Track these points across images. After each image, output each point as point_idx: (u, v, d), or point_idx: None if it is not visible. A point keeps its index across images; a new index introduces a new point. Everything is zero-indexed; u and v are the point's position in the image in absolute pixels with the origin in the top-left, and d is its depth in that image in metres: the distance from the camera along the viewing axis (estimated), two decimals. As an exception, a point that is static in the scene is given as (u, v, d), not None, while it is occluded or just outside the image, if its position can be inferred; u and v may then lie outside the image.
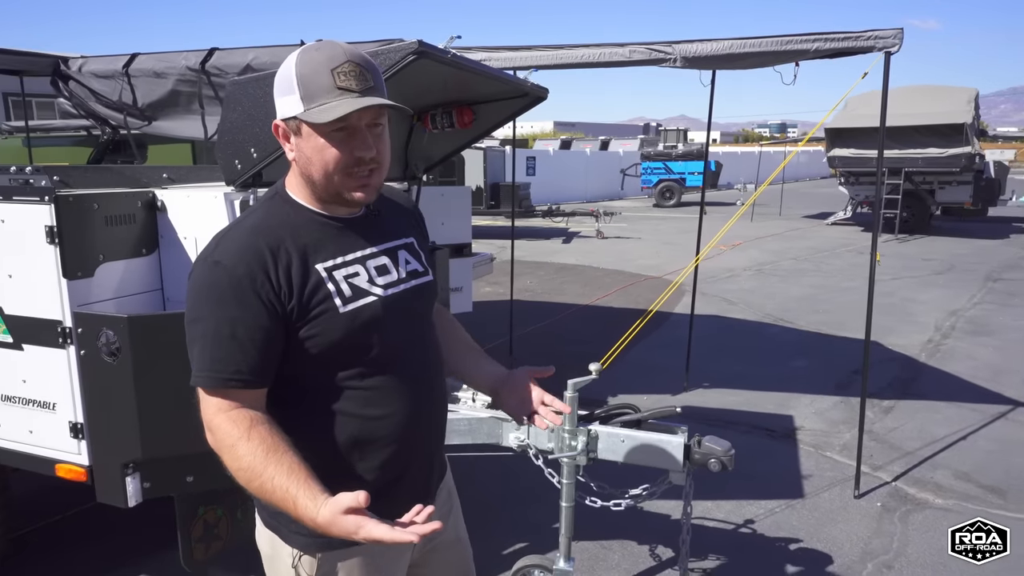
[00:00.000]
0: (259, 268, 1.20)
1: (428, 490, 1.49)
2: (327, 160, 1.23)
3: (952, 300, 8.53)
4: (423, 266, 1.44)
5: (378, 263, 1.35)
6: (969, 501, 3.65)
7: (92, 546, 3.16)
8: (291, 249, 1.24)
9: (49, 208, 2.01)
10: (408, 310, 1.37)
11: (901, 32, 3.11)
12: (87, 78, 4.01)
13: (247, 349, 1.19)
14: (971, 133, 13.46)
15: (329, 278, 1.26)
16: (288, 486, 1.15)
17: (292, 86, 1.22)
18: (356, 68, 1.21)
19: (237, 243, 1.23)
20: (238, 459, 1.17)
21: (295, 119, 1.23)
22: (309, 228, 1.29)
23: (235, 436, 1.18)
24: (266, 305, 1.20)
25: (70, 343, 2.10)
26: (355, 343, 1.27)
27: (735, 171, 28.40)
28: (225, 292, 1.19)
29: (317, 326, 1.24)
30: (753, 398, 5.15)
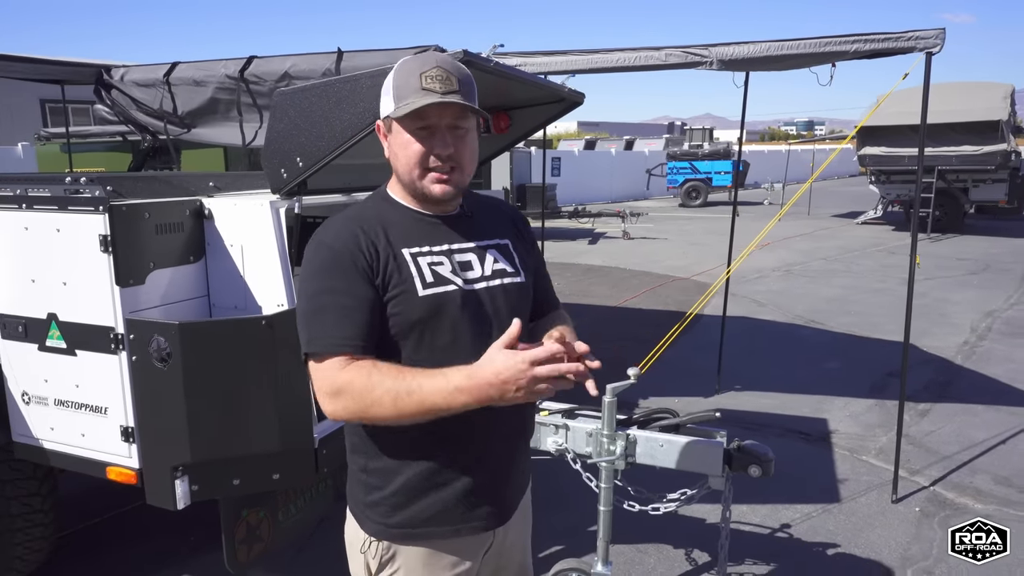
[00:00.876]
0: (354, 245, 1.32)
1: (504, 499, 1.47)
2: (409, 155, 1.34)
3: (988, 301, 8.35)
4: (514, 267, 1.47)
5: (464, 258, 1.41)
6: (1010, 507, 3.58)
7: (133, 547, 3.24)
8: (380, 233, 1.35)
9: (103, 218, 2.07)
10: (488, 306, 1.40)
11: (943, 32, 3.07)
12: (129, 87, 4.11)
13: (355, 317, 1.28)
14: (1007, 130, 13.18)
15: (413, 262, 1.34)
16: (434, 375, 1.21)
17: (388, 88, 1.35)
18: (443, 73, 1.30)
19: (337, 226, 1.36)
20: (378, 386, 1.21)
21: (388, 118, 1.36)
22: (401, 220, 1.39)
23: (365, 374, 1.23)
24: (363, 276, 1.30)
25: (122, 349, 2.16)
26: (430, 327, 1.33)
27: (762, 170, 28.09)
28: (329, 267, 1.31)
29: (397, 305, 1.32)
30: (786, 401, 5.10)
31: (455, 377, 1.20)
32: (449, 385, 1.19)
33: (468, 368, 1.20)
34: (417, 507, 1.38)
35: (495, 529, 1.47)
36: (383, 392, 1.21)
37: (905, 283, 3.70)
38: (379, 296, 1.31)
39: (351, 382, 1.23)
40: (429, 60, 1.33)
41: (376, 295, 1.31)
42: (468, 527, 1.42)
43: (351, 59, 3.61)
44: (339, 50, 3.64)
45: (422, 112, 1.29)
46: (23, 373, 2.36)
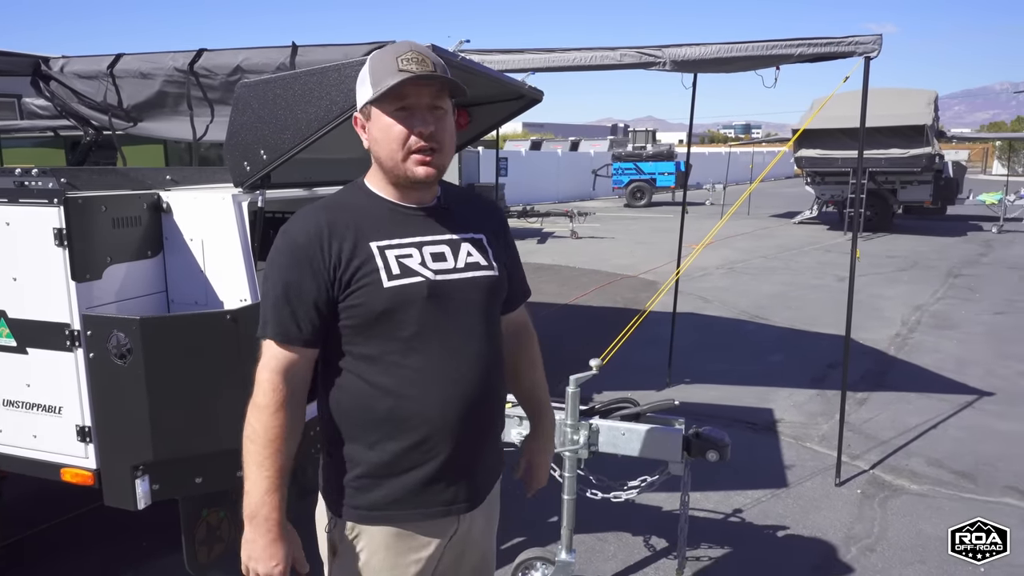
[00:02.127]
0: (316, 239, 1.34)
1: (472, 486, 1.48)
2: (391, 137, 1.34)
3: (916, 296, 8.83)
4: (488, 261, 1.47)
5: (435, 250, 1.41)
6: (942, 486, 3.81)
7: (90, 552, 3.12)
8: (349, 225, 1.37)
9: (58, 211, 2.00)
10: (458, 298, 1.41)
11: (880, 38, 3.25)
12: (69, 79, 3.94)
13: (297, 311, 1.34)
14: (931, 134, 13.93)
15: (380, 255, 1.36)
16: (269, 474, 1.33)
17: (365, 78, 1.37)
18: (419, 56, 1.33)
19: (305, 216, 1.39)
20: (257, 420, 1.34)
21: (366, 105, 1.36)
22: (375, 211, 1.41)
23: (266, 402, 1.34)
24: (316, 274, 1.33)
25: (78, 346, 2.09)
26: (395, 318, 1.35)
27: (703, 172, 28.87)
28: (286, 258, 1.35)
29: (360, 297, 1.34)
30: (733, 393, 5.28)
31: (254, 500, 1.33)
32: (250, 492, 1.34)
33: (265, 512, 1.33)
34: (382, 490, 1.40)
35: (461, 515, 1.48)
36: (250, 426, 1.35)
37: (840, 279, 3.91)
38: (330, 292, 1.34)
39: (262, 388, 1.35)
40: (404, 45, 1.35)
41: (326, 291, 1.34)
42: (433, 512, 1.43)
43: (306, 54, 3.56)
44: (294, 44, 3.59)
45: (401, 92, 1.31)
46: (-32, 373, 2.25)
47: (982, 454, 4.20)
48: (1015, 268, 10.91)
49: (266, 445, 1.32)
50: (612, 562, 3.08)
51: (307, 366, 1.39)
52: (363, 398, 1.38)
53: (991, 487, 3.79)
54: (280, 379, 1.34)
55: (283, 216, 2.73)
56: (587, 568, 3.02)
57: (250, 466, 1.33)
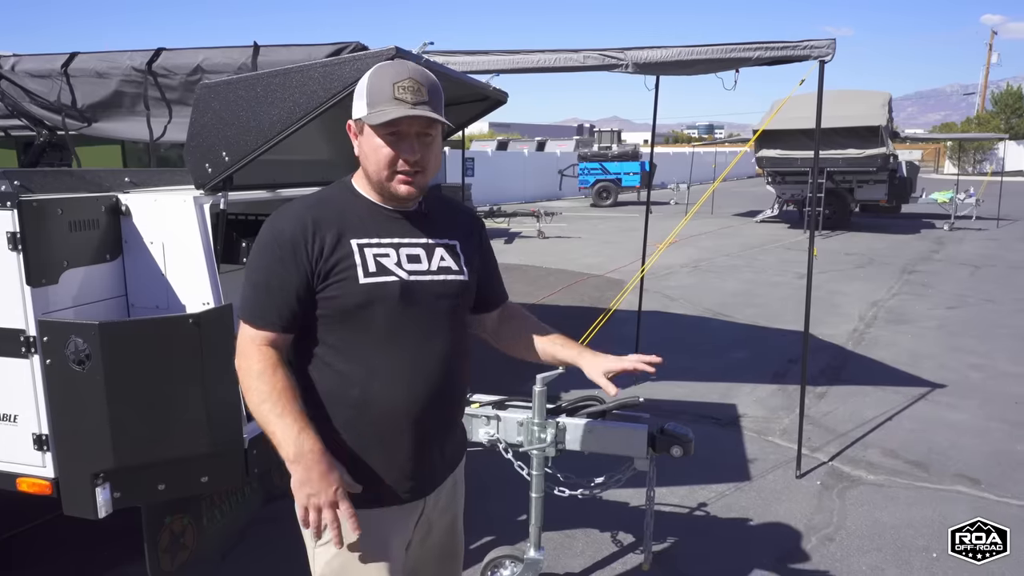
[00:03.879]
0: (301, 233, 1.43)
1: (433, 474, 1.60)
2: (379, 158, 1.44)
3: (873, 292, 9.08)
4: (459, 266, 1.58)
5: (412, 252, 1.51)
6: (898, 476, 3.94)
7: (50, 563, 3.05)
8: (333, 222, 1.46)
9: (12, 214, 1.95)
10: (429, 299, 1.51)
11: (834, 42, 3.35)
12: (21, 77, 3.83)
13: (278, 300, 1.43)
14: (885, 135, 14.34)
15: (359, 252, 1.45)
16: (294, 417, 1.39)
17: (362, 92, 1.45)
18: (415, 84, 1.41)
19: (292, 210, 1.48)
20: (262, 381, 1.41)
21: (360, 120, 1.46)
22: (358, 210, 1.50)
23: (264, 364, 1.42)
24: (299, 266, 1.42)
25: (34, 352, 2.04)
26: (367, 313, 1.44)
27: (668, 171, 29.22)
28: (271, 249, 1.44)
29: (336, 289, 1.43)
30: (698, 389, 5.38)
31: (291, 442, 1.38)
32: (284, 439, 1.38)
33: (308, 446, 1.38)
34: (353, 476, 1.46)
35: (425, 498, 1.59)
36: (256, 391, 1.41)
37: (801, 276, 4.01)
38: (309, 283, 1.43)
39: (253, 357, 1.43)
40: (402, 71, 1.43)
41: (306, 282, 1.43)
42: (398, 497, 1.53)
43: (268, 54, 3.53)
44: (255, 44, 3.55)
45: (394, 121, 1.40)
46: (-83, 382, 2.18)
47: (934, 444, 4.35)
48: (966, 264, 11.30)
49: (280, 397, 1.39)
50: (580, 558, 3.12)
51: (285, 349, 1.48)
52: (334, 385, 1.47)
53: (943, 476, 3.93)
54: (266, 348, 1.44)
55: (246, 218, 2.70)
56: (556, 565, 3.05)
57: (272, 422, 1.39)
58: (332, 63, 2.14)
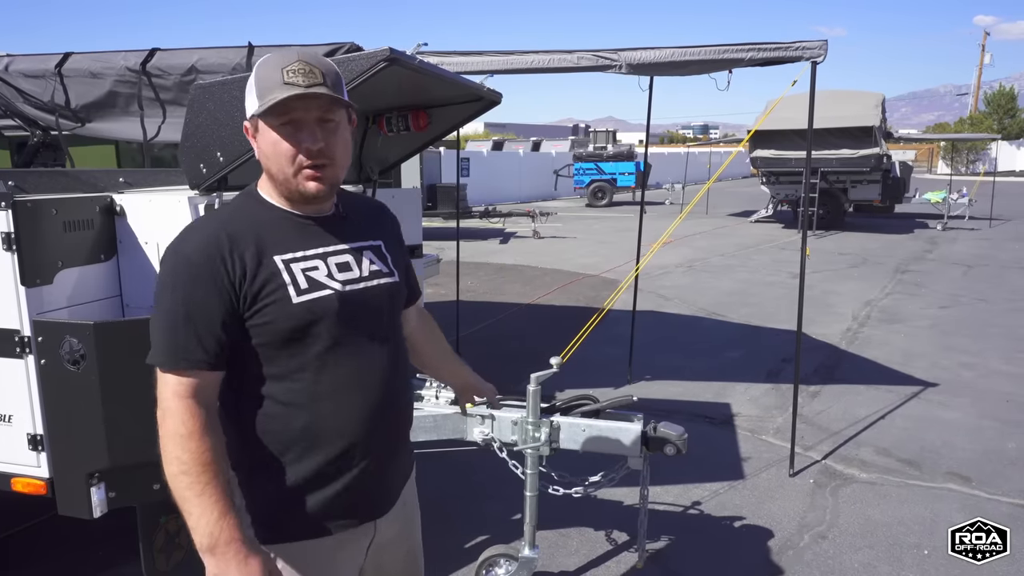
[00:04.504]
0: (217, 256, 1.27)
1: (383, 493, 1.49)
2: (279, 152, 1.30)
3: (866, 291, 9.13)
4: (389, 268, 1.48)
5: (340, 260, 1.39)
6: (890, 474, 3.96)
7: (45, 563, 3.05)
8: (251, 240, 1.31)
9: (6, 214, 1.96)
10: (367, 308, 1.40)
11: (826, 44, 3.37)
12: (15, 78, 3.83)
13: (202, 332, 1.26)
14: (879, 135, 14.40)
15: (286, 269, 1.31)
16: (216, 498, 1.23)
17: (251, 87, 1.32)
18: (306, 66, 1.28)
19: (200, 232, 1.32)
20: (184, 450, 1.23)
21: (253, 117, 1.32)
22: (274, 223, 1.35)
23: (189, 428, 1.24)
24: (221, 291, 1.27)
25: (29, 352, 2.05)
26: (306, 333, 1.32)
27: (662, 171, 29.28)
28: (184, 278, 1.27)
29: (269, 314, 1.29)
30: (692, 388, 5.40)
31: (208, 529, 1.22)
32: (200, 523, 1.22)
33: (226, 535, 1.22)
34: (303, 507, 1.37)
35: (376, 520, 1.48)
36: (177, 460, 1.23)
37: (795, 276, 4.02)
38: (235, 310, 1.28)
39: (178, 417, 1.25)
40: (290, 55, 1.30)
41: (231, 309, 1.28)
42: (353, 522, 1.43)
43: (263, 54, 3.52)
44: (250, 44, 3.55)
45: (286, 106, 1.26)
46: (-89, 382, 2.18)
47: (926, 442, 4.38)
48: (958, 264, 11.36)
49: (203, 471, 1.23)
50: (575, 557, 3.13)
51: (215, 391, 1.31)
52: (278, 417, 1.34)
53: (935, 474, 3.96)
54: (192, 404, 1.26)
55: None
56: (550, 563, 3.07)
57: (190, 500, 1.23)
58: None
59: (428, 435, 2.74)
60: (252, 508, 1.37)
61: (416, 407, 2.76)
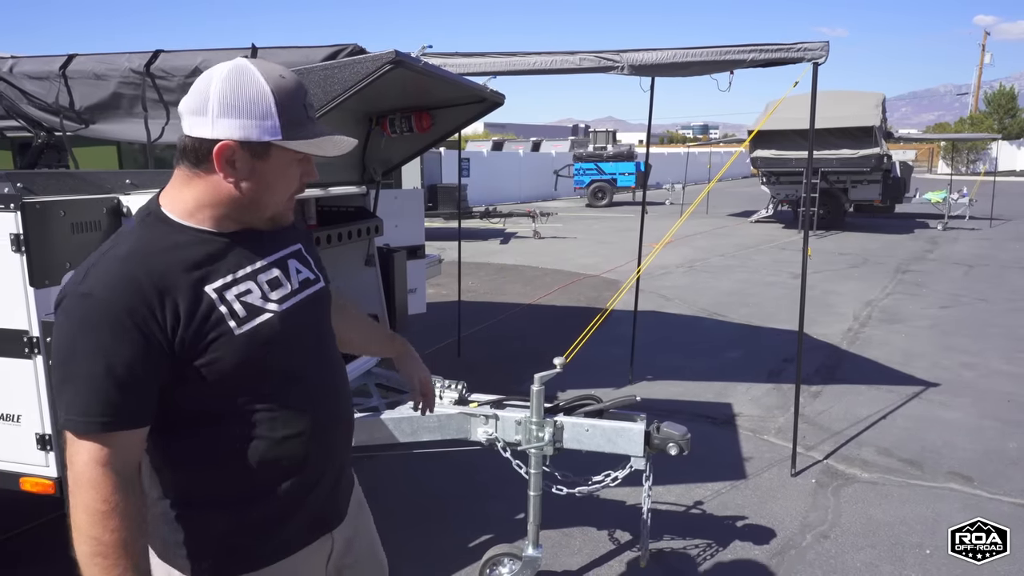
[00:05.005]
0: (139, 300, 1.11)
1: (337, 503, 1.45)
2: (286, 185, 1.25)
3: (867, 291, 9.14)
4: (314, 273, 1.41)
5: (269, 276, 1.29)
6: (891, 474, 3.98)
7: (53, 562, 3.05)
8: (175, 274, 1.16)
9: (15, 216, 1.97)
10: (306, 322, 1.34)
11: (827, 45, 3.38)
12: (19, 79, 3.84)
13: (126, 389, 1.10)
14: (879, 135, 14.41)
15: (220, 300, 1.19)
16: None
17: (269, 111, 1.16)
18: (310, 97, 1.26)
19: (111, 273, 1.13)
20: (104, 529, 1.08)
21: (267, 144, 1.18)
22: (193, 248, 1.20)
23: (111, 504, 1.09)
24: (149, 340, 1.11)
25: (37, 353, 2.06)
26: (256, 364, 1.22)
27: (663, 172, 29.30)
28: (100, 327, 1.09)
29: (213, 352, 1.17)
30: (693, 388, 5.41)
31: None
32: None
33: None
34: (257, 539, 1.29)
35: (332, 532, 1.42)
36: (92, 540, 1.08)
37: (795, 276, 4.04)
38: (171, 356, 1.14)
39: (97, 490, 1.08)
40: (299, 87, 1.21)
41: (162, 358, 1.13)
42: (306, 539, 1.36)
43: (266, 56, 3.55)
44: (253, 46, 3.56)
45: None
46: (-80, 383, 2.19)
47: (928, 442, 4.39)
48: (959, 264, 11.37)
49: (123, 555, 1.08)
50: (578, 556, 3.14)
51: (140, 448, 1.17)
52: (233, 453, 1.23)
53: (936, 473, 3.97)
54: (117, 475, 1.10)
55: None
56: (554, 563, 3.08)
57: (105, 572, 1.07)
58: (332, 66, 2.17)
59: (432, 435, 2.75)
60: (203, 545, 1.26)
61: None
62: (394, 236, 3.88)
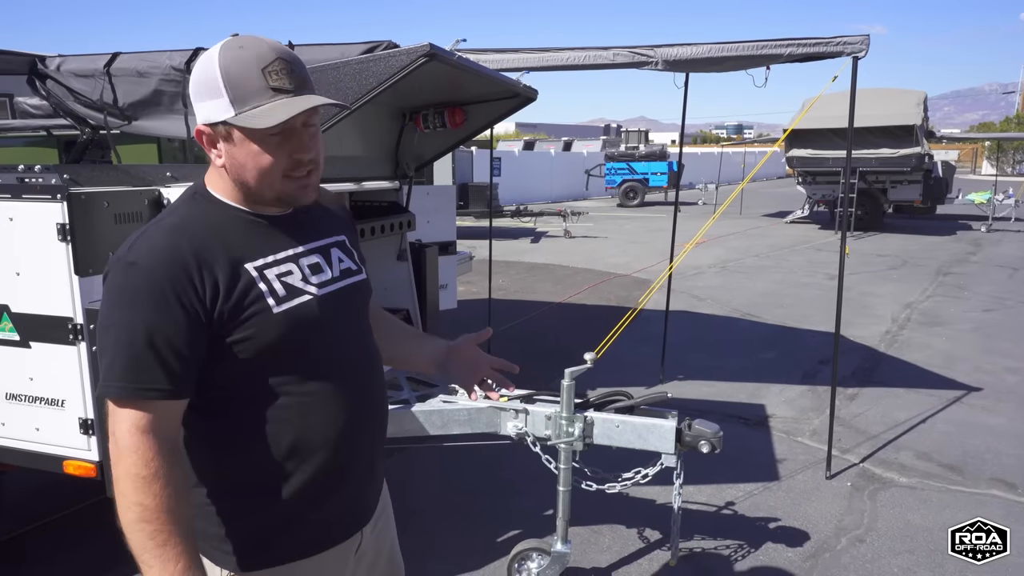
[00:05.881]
0: (181, 271, 1.12)
1: (366, 501, 1.42)
2: (264, 165, 1.18)
3: (906, 293, 8.92)
4: (356, 264, 1.40)
5: (311, 261, 1.29)
6: (931, 479, 3.88)
7: (93, 545, 3.14)
8: (217, 249, 1.17)
9: (61, 206, 2.03)
10: (344, 309, 1.32)
11: (868, 38, 3.31)
12: (66, 77, 3.97)
13: (166, 358, 1.11)
14: (920, 134, 14.05)
15: (260, 278, 1.20)
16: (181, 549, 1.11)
17: (218, 88, 1.14)
18: (287, 66, 1.16)
19: (155, 244, 1.15)
20: (147, 494, 1.09)
21: (224, 124, 1.16)
22: (236, 227, 1.23)
23: (153, 469, 1.10)
24: (188, 311, 1.12)
25: (81, 339, 2.12)
26: (290, 345, 1.22)
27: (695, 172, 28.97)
28: (142, 296, 1.11)
29: (249, 328, 1.17)
30: (726, 389, 5.34)
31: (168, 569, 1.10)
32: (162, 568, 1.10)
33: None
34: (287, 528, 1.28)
35: (362, 529, 1.41)
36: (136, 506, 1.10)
37: (832, 278, 3.97)
38: (209, 330, 1.15)
39: (138, 455, 1.10)
40: (264, 51, 1.15)
41: (202, 331, 1.14)
42: (336, 537, 1.34)
43: (302, 53, 3.58)
44: (290, 43, 3.62)
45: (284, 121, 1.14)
46: (-30, 368, 2.28)
47: (969, 448, 4.27)
48: (1004, 266, 11.03)
49: (167, 519, 1.10)
50: (607, 553, 3.13)
51: (178, 420, 1.18)
52: (264, 436, 1.22)
53: (978, 480, 3.86)
54: (157, 441, 1.11)
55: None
56: (582, 559, 3.07)
57: (150, 551, 1.10)
58: (367, 60, 2.19)
59: (462, 428, 2.76)
60: (233, 535, 1.26)
61: (450, 400, 2.79)
62: (426, 232, 3.90)
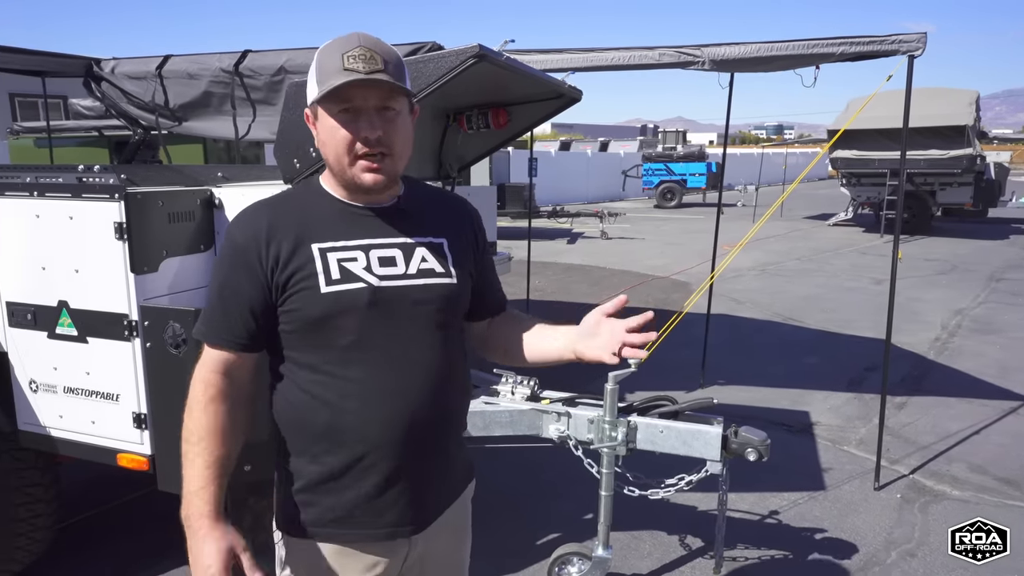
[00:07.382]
0: (252, 239, 1.28)
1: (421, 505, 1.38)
2: (336, 141, 1.26)
3: (957, 299, 8.62)
4: (445, 268, 1.36)
5: (384, 254, 1.32)
6: (986, 493, 3.73)
7: (142, 535, 3.22)
8: (291, 225, 1.29)
9: (119, 205, 2.08)
10: (405, 307, 1.32)
11: (924, 36, 3.20)
12: (120, 79, 4.08)
13: (232, 315, 1.29)
14: (972, 135, 13.58)
15: (320, 258, 1.28)
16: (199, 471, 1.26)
17: (312, 73, 1.28)
18: (367, 52, 1.22)
19: (244, 215, 1.34)
20: (190, 418, 1.29)
21: (313, 104, 1.28)
22: (321, 210, 1.33)
23: (197, 399, 1.29)
24: (254, 274, 1.27)
25: (135, 336, 2.17)
26: (332, 326, 1.27)
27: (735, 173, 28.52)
28: (226, 259, 1.31)
29: (297, 301, 1.27)
30: (768, 394, 5.23)
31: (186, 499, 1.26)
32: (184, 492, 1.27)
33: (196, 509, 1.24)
34: (322, 505, 1.32)
35: (411, 537, 1.38)
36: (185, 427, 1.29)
37: (877, 282, 3.86)
38: (267, 295, 1.28)
39: (194, 387, 1.30)
40: (352, 40, 1.24)
41: (262, 295, 1.28)
42: (376, 533, 1.34)
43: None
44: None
45: (344, 93, 1.22)
46: (31, 361, 2.35)
47: (1027, 461, 4.11)
48: (1060, 272, 10.60)
49: (198, 441, 1.26)
50: (648, 560, 3.08)
51: (244, 369, 1.32)
52: (302, 409, 1.31)
53: (1037, 494, 3.71)
54: (214, 377, 1.29)
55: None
56: (623, 565, 3.03)
57: (184, 466, 1.27)
58: (416, 61, 2.19)
59: (504, 430, 2.75)
60: (280, 496, 1.38)
61: (492, 402, 2.79)
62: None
